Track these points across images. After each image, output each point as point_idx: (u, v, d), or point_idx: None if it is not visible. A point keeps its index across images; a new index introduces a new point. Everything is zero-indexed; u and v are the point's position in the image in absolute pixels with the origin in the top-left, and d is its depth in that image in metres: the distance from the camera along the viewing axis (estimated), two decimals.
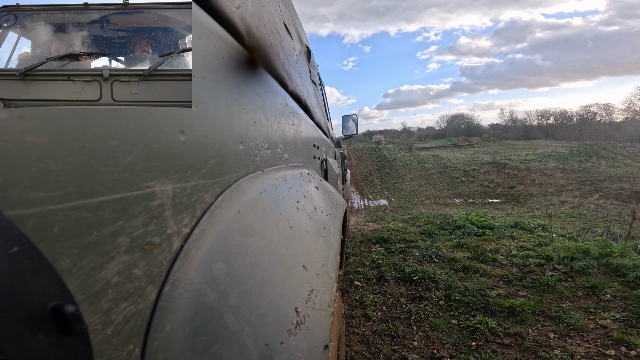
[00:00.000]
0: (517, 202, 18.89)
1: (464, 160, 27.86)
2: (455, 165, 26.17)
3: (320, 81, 2.29)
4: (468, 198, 20.84)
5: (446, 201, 20.30)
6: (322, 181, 1.20)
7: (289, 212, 0.60)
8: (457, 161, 27.66)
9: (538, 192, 20.22)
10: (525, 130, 55.17)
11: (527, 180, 22.29)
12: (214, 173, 0.44)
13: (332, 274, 0.57)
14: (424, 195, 21.70)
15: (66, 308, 0.22)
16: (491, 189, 21.56)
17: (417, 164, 28.29)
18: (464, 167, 25.73)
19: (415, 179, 24.98)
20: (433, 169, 26.35)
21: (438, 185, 23.11)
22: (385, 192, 22.59)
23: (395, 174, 25.92)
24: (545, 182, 21.62)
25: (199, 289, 0.35)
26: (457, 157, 29.56)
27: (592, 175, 21.71)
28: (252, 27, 0.58)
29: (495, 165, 25.28)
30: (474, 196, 20.96)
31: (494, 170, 24.46)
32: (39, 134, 0.22)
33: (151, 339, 0.30)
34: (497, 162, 25.76)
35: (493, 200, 19.82)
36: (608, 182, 19.53)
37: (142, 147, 0.31)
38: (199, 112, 0.42)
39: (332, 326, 0.45)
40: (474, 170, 24.77)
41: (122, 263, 0.27)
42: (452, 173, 24.84)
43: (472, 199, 20.43)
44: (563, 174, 22.77)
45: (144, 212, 0.30)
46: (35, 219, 0.21)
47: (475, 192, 21.58)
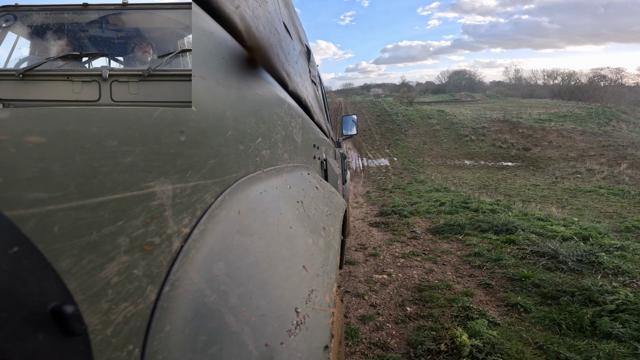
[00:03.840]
0: (536, 167, 16.06)
1: (471, 116, 24.60)
2: (463, 122, 22.96)
3: (320, 81, 2.23)
4: (479, 159, 17.94)
5: (455, 162, 17.41)
6: (323, 181, 1.17)
7: (289, 212, 0.59)
8: (464, 117, 24.39)
9: (557, 155, 17.41)
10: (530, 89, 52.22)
11: (543, 141, 19.37)
12: (214, 173, 0.43)
13: (332, 274, 0.57)
14: (429, 154, 18.74)
15: (66, 308, 0.22)
16: (504, 150, 18.66)
17: (420, 119, 24.94)
18: (473, 124, 22.56)
19: (419, 136, 21.82)
20: (438, 125, 23.14)
21: (445, 143, 20.11)
22: (386, 150, 19.51)
23: (396, 130, 22.68)
24: (564, 145, 18.72)
25: (199, 289, 0.34)
26: (463, 113, 26.21)
27: (614, 140, 18.85)
28: (252, 27, 0.57)
29: (507, 124, 22.13)
30: (485, 157, 18.08)
31: (506, 129, 21.37)
32: (39, 134, 0.22)
33: (151, 339, 0.30)
34: (508, 121, 22.58)
35: (508, 164, 16.99)
36: (632, 149, 16.67)
37: (142, 147, 0.31)
38: (199, 112, 0.41)
39: (332, 326, 0.45)
40: (484, 128, 21.65)
41: (122, 263, 0.27)
42: (460, 130, 21.71)
43: (485, 161, 17.56)
44: (583, 137, 19.83)
45: (144, 212, 0.30)
46: (35, 219, 0.21)
47: (487, 152, 18.67)
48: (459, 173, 15.30)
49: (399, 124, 23.80)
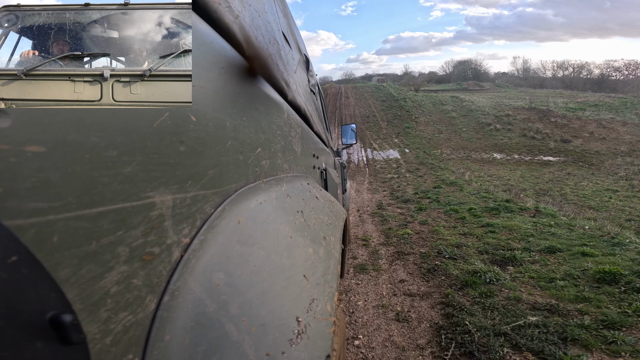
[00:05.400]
0: (587, 163, 12.49)
1: (489, 104, 21.04)
2: (483, 109, 19.55)
3: (319, 90, 2.21)
4: (511, 152, 14.50)
5: (481, 155, 13.95)
6: (322, 191, 1.16)
7: (289, 222, 0.59)
8: (483, 104, 20.85)
9: (605, 149, 13.95)
10: (540, 80, 49.31)
11: (583, 132, 15.97)
12: (214, 183, 0.43)
13: (333, 283, 0.56)
14: (447, 145, 15.28)
15: (64, 317, 0.22)
16: (539, 142, 15.24)
17: (432, 105, 21.46)
18: (494, 111, 19.04)
19: (433, 123, 18.34)
20: (454, 112, 19.70)
21: (465, 132, 16.69)
22: (394, 140, 16.01)
23: (405, 117, 19.17)
24: (608, 137, 15.35)
25: (199, 299, 0.34)
26: (480, 100, 22.61)
27: None
28: (251, 37, 0.56)
29: (535, 112, 18.72)
30: (518, 150, 14.64)
31: (535, 117, 17.98)
32: (39, 143, 0.22)
33: (150, 349, 0.30)
34: (536, 109, 19.09)
35: (549, 158, 13.55)
36: None
37: (142, 157, 0.31)
38: (199, 122, 0.41)
39: (333, 335, 0.45)
40: (509, 116, 18.26)
41: (121, 273, 0.27)
42: (480, 118, 18.29)
43: (518, 154, 14.12)
44: (626, 129, 16.49)
45: (144, 222, 0.30)
46: (34, 229, 0.21)
47: (518, 144, 15.23)
48: (493, 170, 11.81)
49: (408, 110, 20.34)
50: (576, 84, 44.20)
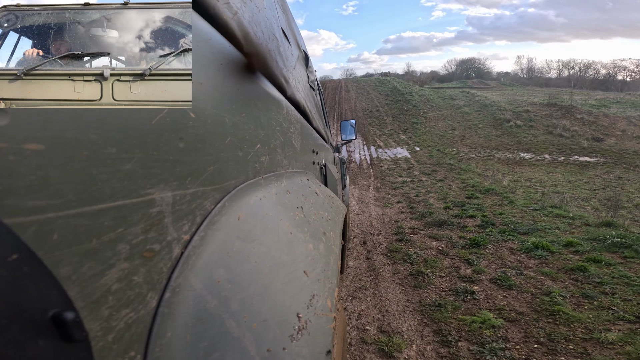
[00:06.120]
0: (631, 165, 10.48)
1: (504, 100, 19.03)
2: (498, 105, 17.61)
3: (319, 86, 2.24)
4: (540, 151, 12.49)
5: (506, 155, 11.96)
6: (322, 187, 1.15)
7: (289, 218, 0.59)
8: (497, 100, 18.78)
9: None
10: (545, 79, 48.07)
11: (614, 130, 14.08)
12: (213, 180, 0.43)
13: (333, 279, 0.56)
14: (463, 143, 13.29)
15: (66, 315, 0.22)
16: (569, 140, 13.30)
17: (441, 100, 19.52)
18: (511, 107, 17.00)
19: (444, 119, 16.35)
20: (467, 107, 17.77)
21: (481, 129, 14.74)
22: (401, 136, 14.02)
23: (413, 111, 17.18)
24: None
25: (200, 295, 0.35)
26: (492, 96, 20.63)
27: None
28: (250, 33, 0.56)
29: (557, 108, 16.79)
30: (547, 149, 12.66)
31: (558, 114, 16.04)
32: (38, 141, 0.22)
33: (152, 346, 0.30)
34: (557, 104, 17.11)
35: (586, 159, 11.57)
36: None
37: (141, 154, 0.31)
38: (198, 118, 0.41)
39: (334, 331, 0.45)
40: (528, 112, 16.24)
41: (122, 270, 0.27)
42: (498, 114, 16.32)
43: (549, 154, 12.09)
44: None
45: (144, 219, 0.30)
46: (34, 226, 0.21)
47: (545, 143, 13.24)
48: (526, 172, 9.79)
49: (415, 105, 18.41)
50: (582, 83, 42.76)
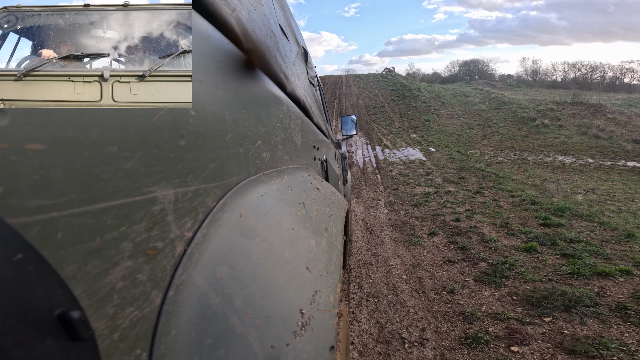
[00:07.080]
0: None
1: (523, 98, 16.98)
2: (518, 102, 15.44)
3: (318, 82, 2.25)
4: (581, 155, 10.40)
5: (542, 159, 9.82)
6: (323, 182, 1.15)
7: (291, 214, 0.59)
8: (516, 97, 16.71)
9: None
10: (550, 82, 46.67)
11: None
12: (215, 177, 0.44)
13: (335, 274, 0.56)
14: (485, 144, 11.26)
15: (72, 314, 0.22)
16: (607, 142, 11.32)
17: (453, 96, 17.55)
18: (533, 105, 14.91)
19: (458, 117, 14.31)
20: (483, 105, 15.78)
21: (503, 128, 12.73)
22: (411, 135, 11.95)
23: (422, 108, 15.10)
24: None
25: (204, 293, 0.35)
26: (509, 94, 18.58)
27: None
28: (249, 30, 0.56)
29: (584, 107, 14.78)
30: (588, 152, 10.59)
31: (586, 113, 14.03)
32: (39, 141, 0.22)
33: (158, 343, 0.30)
34: (584, 103, 15.03)
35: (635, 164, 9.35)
36: None
37: (142, 152, 0.31)
38: (198, 115, 0.41)
39: (337, 327, 0.45)
40: (553, 110, 14.13)
41: (126, 268, 0.28)
42: (519, 112, 14.34)
43: (592, 158, 9.94)
44: None
45: (147, 217, 0.30)
46: (38, 226, 0.21)
47: (582, 145, 11.21)
48: (579, 180, 7.62)
49: (425, 101, 16.44)
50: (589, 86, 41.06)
